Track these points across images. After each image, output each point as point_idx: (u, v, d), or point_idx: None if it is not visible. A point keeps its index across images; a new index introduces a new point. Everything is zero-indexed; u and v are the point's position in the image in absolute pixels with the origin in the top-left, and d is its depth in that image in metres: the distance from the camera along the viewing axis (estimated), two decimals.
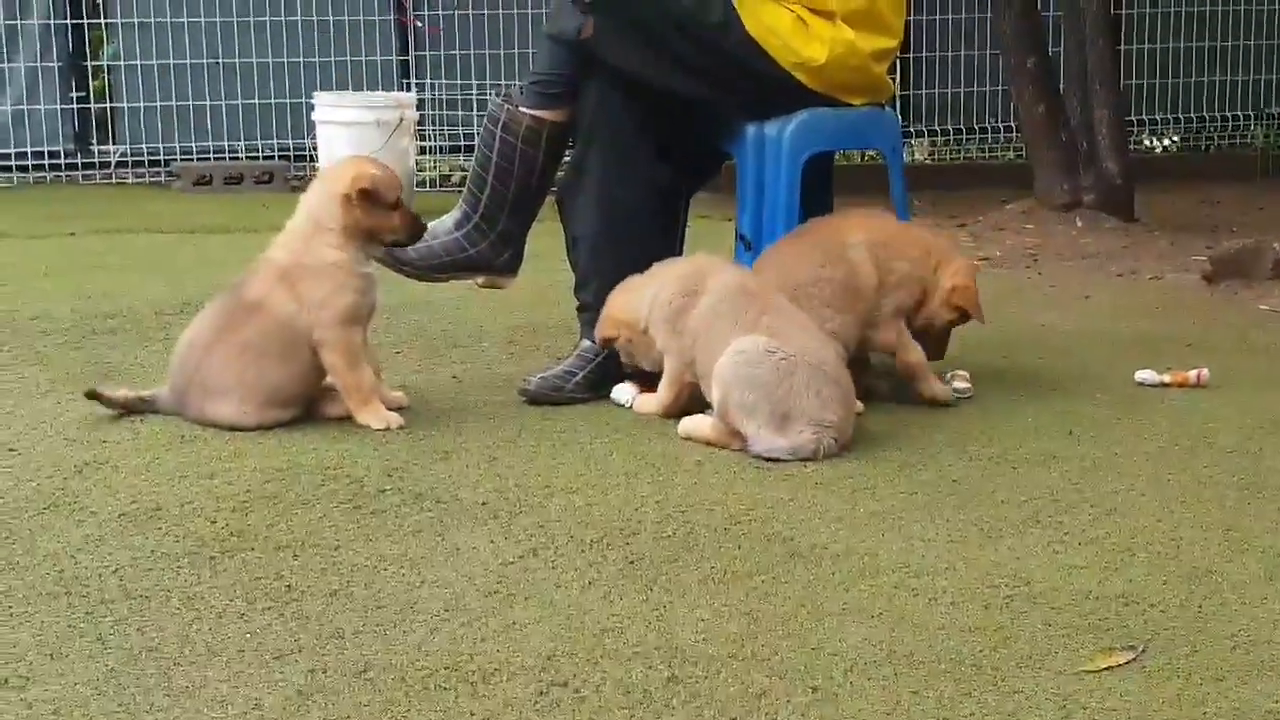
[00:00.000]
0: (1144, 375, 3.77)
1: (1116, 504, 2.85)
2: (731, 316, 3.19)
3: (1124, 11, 8.95)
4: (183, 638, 2.20)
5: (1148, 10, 9.18)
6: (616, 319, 3.39)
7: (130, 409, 3.30)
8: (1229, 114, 9.38)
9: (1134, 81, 9.03)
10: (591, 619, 2.29)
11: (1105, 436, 3.30)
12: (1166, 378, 3.74)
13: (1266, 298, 4.99)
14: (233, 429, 3.19)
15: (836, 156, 4.17)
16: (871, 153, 6.70)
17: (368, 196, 3.24)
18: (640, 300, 3.36)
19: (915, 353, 3.52)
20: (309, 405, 3.29)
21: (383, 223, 3.28)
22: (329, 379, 3.30)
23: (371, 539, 2.61)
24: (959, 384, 3.60)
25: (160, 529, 2.64)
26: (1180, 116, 9.32)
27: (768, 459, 3.04)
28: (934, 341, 3.57)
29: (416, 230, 3.37)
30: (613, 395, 3.50)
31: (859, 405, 3.42)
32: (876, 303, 3.48)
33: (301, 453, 3.07)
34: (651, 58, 3.54)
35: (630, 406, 3.45)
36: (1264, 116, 9.43)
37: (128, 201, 7.20)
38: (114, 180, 7.89)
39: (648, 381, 3.43)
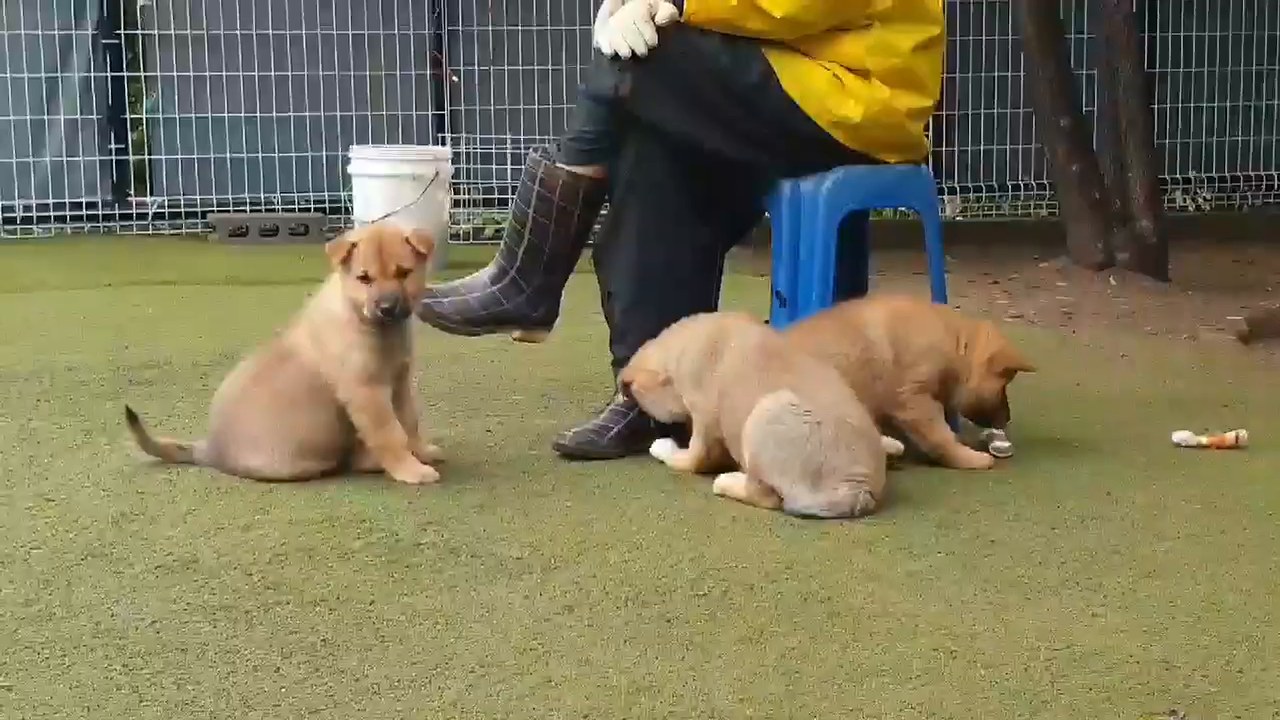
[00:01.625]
0: (1181, 436, 3.74)
1: (1156, 566, 2.82)
2: (755, 376, 3.19)
3: (1157, 70, 8.96)
4: (219, 691, 2.20)
5: (1181, 70, 9.19)
6: (640, 365, 3.41)
7: (167, 457, 3.32)
8: (1263, 173, 9.35)
9: (1167, 140, 9.01)
10: (627, 678, 2.27)
11: (1143, 498, 3.27)
12: (1204, 439, 3.72)
13: None
14: (267, 481, 3.19)
15: (871, 213, 4.17)
16: (903, 209, 6.70)
17: (332, 262, 3.20)
18: (667, 353, 3.37)
19: (940, 431, 3.50)
20: (344, 457, 3.30)
21: (355, 293, 3.19)
22: None
23: (406, 593, 2.61)
24: (999, 443, 3.58)
25: (196, 581, 2.64)
26: (1214, 176, 9.30)
27: (805, 516, 3.03)
28: (993, 412, 3.55)
29: (378, 310, 3.15)
30: (652, 450, 3.50)
31: (899, 445, 3.42)
32: (897, 380, 3.47)
33: (337, 505, 3.07)
34: (689, 115, 3.56)
35: (668, 464, 3.44)
36: None
37: (165, 253, 7.25)
38: (151, 231, 7.95)
39: (684, 436, 3.43)
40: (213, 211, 7.90)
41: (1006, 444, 3.59)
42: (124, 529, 2.91)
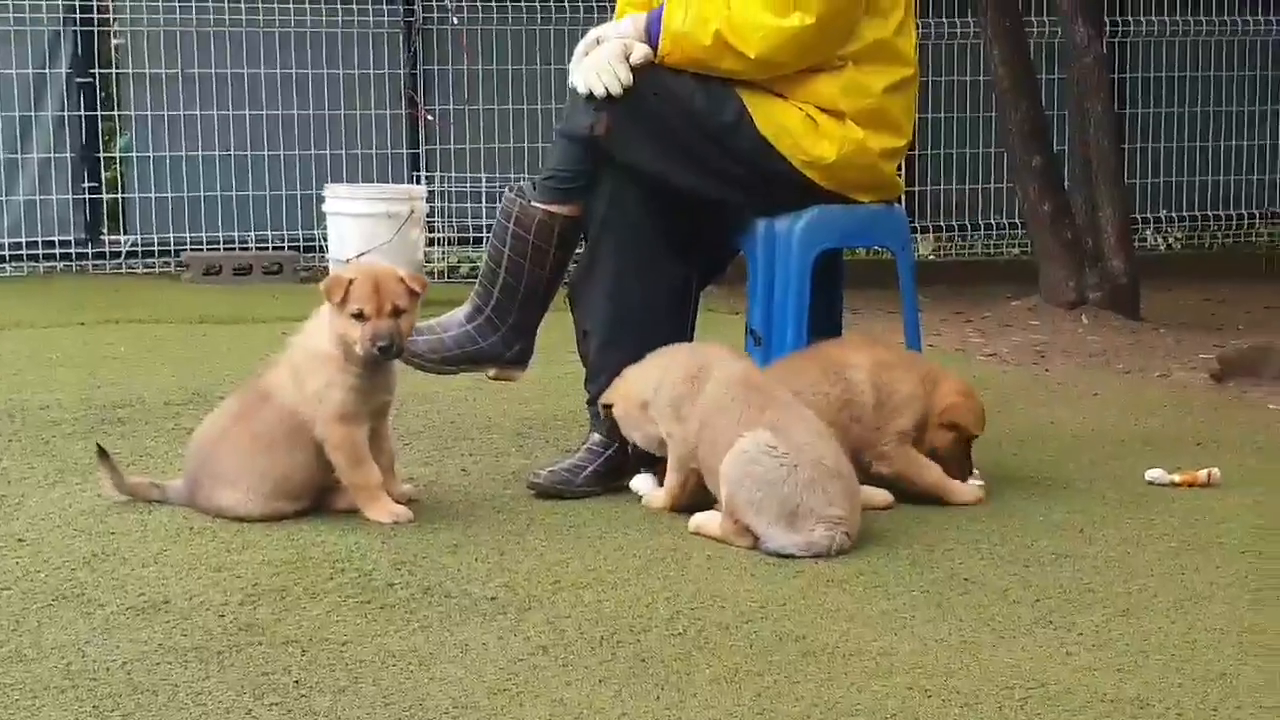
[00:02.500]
0: (1154, 474, 3.75)
1: (1130, 604, 2.83)
2: (735, 410, 3.20)
3: (1128, 110, 9.05)
4: None
5: (1152, 110, 9.28)
6: (621, 390, 3.41)
7: (141, 495, 3.30)
8: (1233, 213, 9.44)
9: (1139, 180, 9.10)
10: (602, 718, 2.26)
11: (1117, 536, 3.28)
12: (1177, 477, 3.73)
13: (1276, 397, 4.98)
14: (239, 520, 3.18)
15: (845, 252, 4.20)
16: (876, 248, 6.74)
17: (327, 298, 3.18)
18: (647, 379, 3.37)
19: (930, 472, 3.50)
20: (318, 497, 3.29)
21: (348, 331, 3.18)
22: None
23: (380, 634, 2.59)
24: (971, 481, 3.59)
25: (168, 622, 2.62)
26: (1185, 215, 9.38)
27: (781, 555, 3.03)
28: (952, 464, 3.55)
29: (375, 348, 3.15)
30: (632, 484, 3.49)
31: (889, 497, 3.41)
32: (877, 429, 3.47)
33: (310, 545, 3.06)
34: (664, 155, 3.58)
35: (643, 501, 3.43)
36: (1268, 215, 9.49)
37: (137, 291, 7.23)
38: (124, 270, 7.94)
39: (663, 470, 3.42)
40: (186, 250, 7.88)
41: (979, 482, 3.59)
42: (95, 569, 2.89)
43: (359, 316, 3.17)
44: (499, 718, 2.26)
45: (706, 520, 3.20)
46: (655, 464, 3.46)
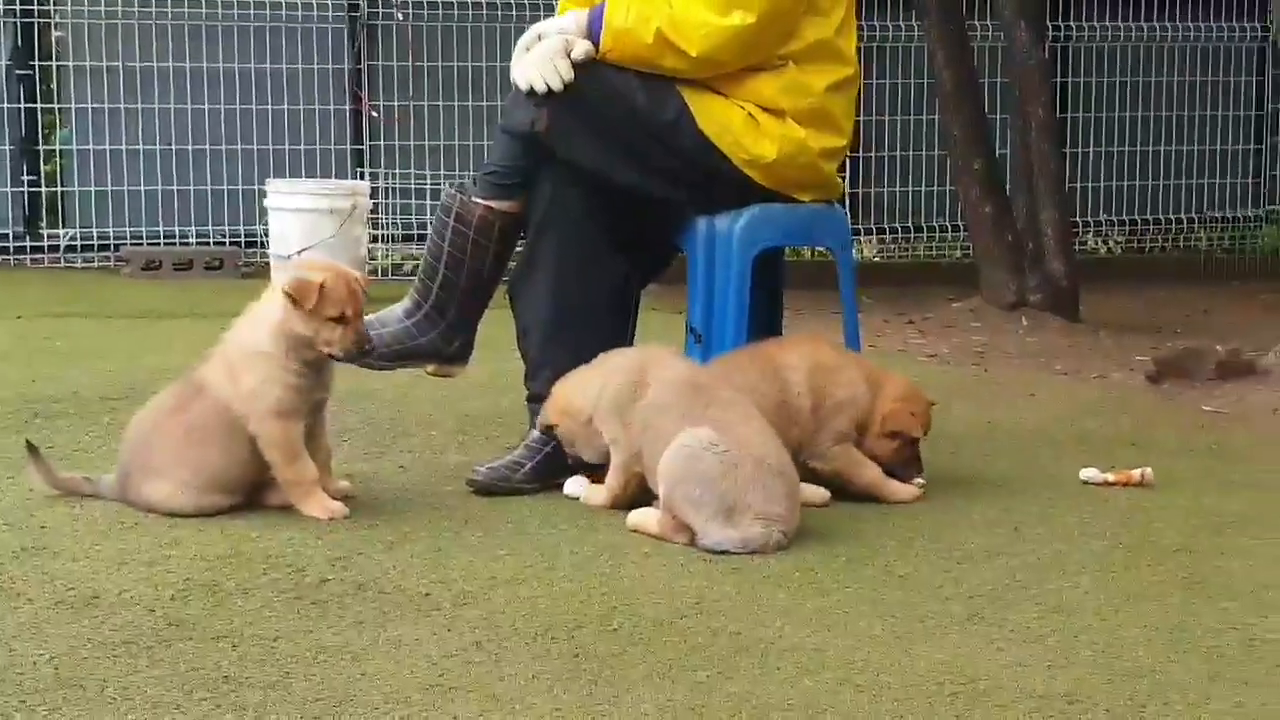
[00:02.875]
0: (1089, 474, 3.79)
1: (1061, 601, 2.85)
2: (678, 409, 3.20)
3: (1069, 115, 9.13)
4: None
5: (1093, 114, 9.37)
6: (560, 407, 3.39)
7: (73, 490, 3.27)
8: (1173, 217, 9.55)
9: (1080, 184, 9.18)
10: (534, 714, 2.26)
11: (1050, 534, 3.31)
12: (1111, 476, 3.77)
13: (1209, 399, 5.04)
14: (171, 514, 3.15)
15: (787, 253, 4.21)
16: (822, 249, 6.77)
17: (300, 302, 3.13)
18: (586, 390, 3.36)
19: (868, 471, 3.52)
20: (252, 492, 3.26)
21: (321, 334, 3.16)
22: None
23: (312, 630, 2.58)
24: (916, 479, 3.60)
25: (97, 617, 2.60)
26: (1125, 219, 9.48)
27: (717, 552, 3.03)
28: (901, 466, 3.56)
29: (358, 351, 3.20)
30: (565, 488, 3.49)
31: (826, 494, 3.42)
32: (815, 430, 3.48)
33: (244, 541, 3.04)
34: (604, 151, 3.58)
35: (581, 499, 3.43)
36: (1207, 220, 9.61)
37: (76, 286, 7.16)
38: (63, 264, 7.86)
39: (599, 474, 3.42)
40: (126, 244, 7.81)
41: (920, 480, 3.61)
42: (25, 563, 2.86)
43: (340, 320, 3.15)
44: (430, 713, 2.25)
45: (644, 517, 3.20)
46: (590, 467, 3.45)
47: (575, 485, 3.48)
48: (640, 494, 3.28)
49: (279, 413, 3.18)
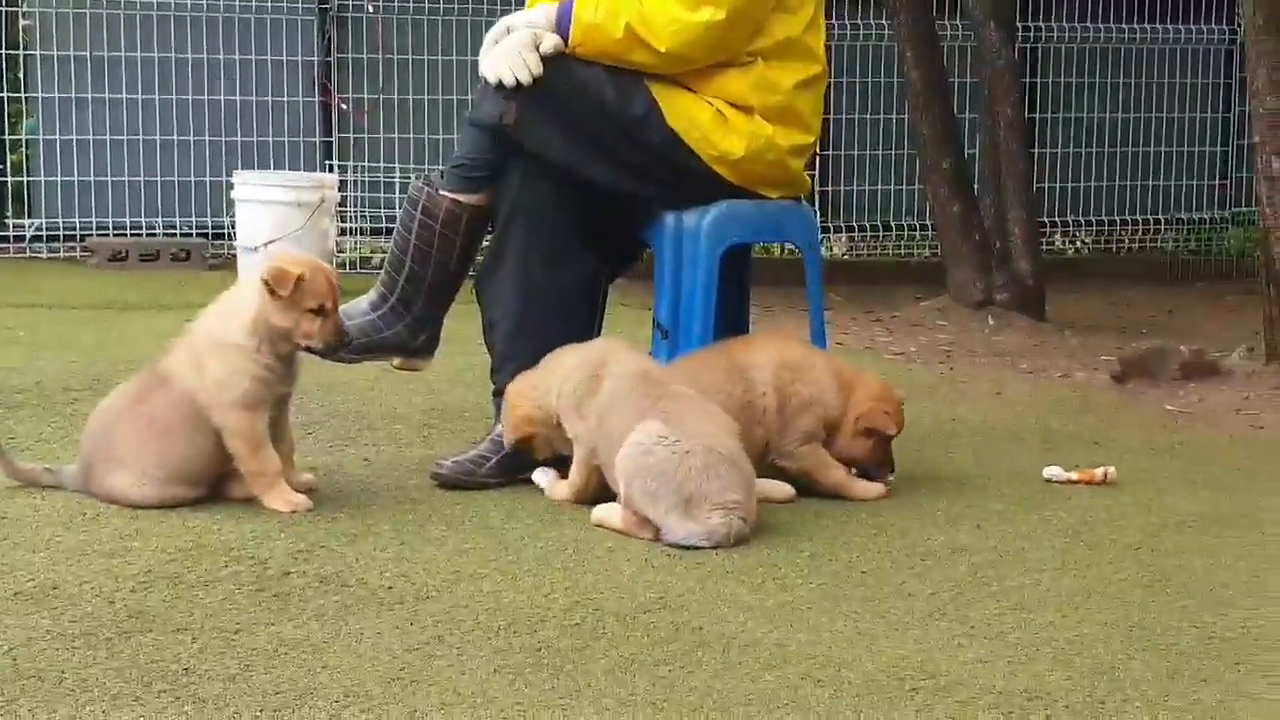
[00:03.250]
0: (1052, 472, 3.81)
1: (1023, 598, 2.86)
2: (631, 403, 3.20)
3: (1038, 115, 9.17)
4: None
5: (1061, 115, 9.41)
6: (528, 417, 3.37)
7: (33, 481, 3.25)
8: (1140, 218, 9.60)
9: (1047, 184, 9.22)
10: (495, 707, 2.26)
11: (1012, 531, 3.32)
12: (1074, 475, 3.79)
13: (1173, 398, 5.08)
14: (133, 505, 3.13)
15: (755, 250, 4.21)
16: (791, 247, 6.78)
17: (277, 290, 3.12)
18: (546, 393, 3.35)
19: (834, 472, 3.52)
20: (215, 484, 3.25)
21: (300, 326, 3.16)
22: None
23: (273, 623, 2.57)
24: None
25: (56, 608, 2.58)
26: (1092, 219, 9.52)
27: (684, 547, 3.03)
28: (874, 465, 3.57)
29: (336, 344, 3.21)
30: (534, 477, 3.48)
31: (790, 490, 3.43)
32: (780, 430, 3.49)
33: (206, 533, 3.02)
34: (572, 146, 3.57)
35: (545, 492, 3.43)
36: (1174, 221, 9.66)
37: (41, 276, 7.11)
38: (28, 254, 7.80)
39: (567, 465, 3.42)
40: (92, 235, 7.76)
41: (890, 475, 3.62)
42: None
43: (318, 312, 3.14)
44: (391, 706, 2.24)
45: (608, 513, 3.20)
46: (560, 461, 3.45)
47: (542, 475, 3.47)
48: (602, 488, 3.28)
49: (245, 404, 3.16)
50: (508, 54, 3.53)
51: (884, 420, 3.54)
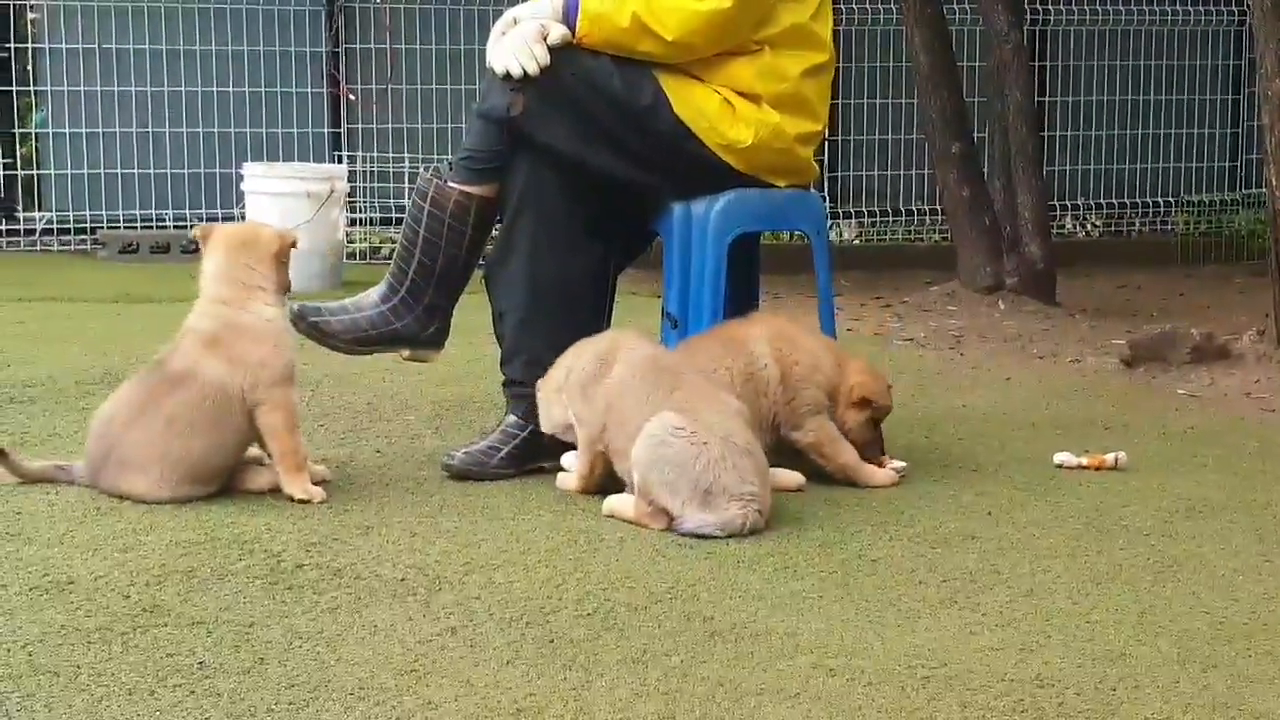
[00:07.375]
0: (1062, 457, 3.81)
1: (1033, 585, 2.87)
2: (642, 390, 3.21)
3: (1047, 99, 9.14)
4: (91, 715, 2.16)
5: (1070, 98, 9.39)
6: (554, 409, 3.40)
7: (46, 479, 3.26)
8: (1150, 201, 9.58)
9: (1057, 168, 9.21)
10: (508, 698, 2.27)
11: (1023, 517, 3.33)
12: (1084, 460, 3.79)
13: (1183, 382, 5.07)
14: (146, 503, 3.14)
15: (764, 236, 4.21)
16: (799, 233, 6.78)
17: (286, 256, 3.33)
18: (558, 370, 3.38)
19: (847, 453, 3.53)
20: (227, 480, 3.26)
21: (286, 279, 3.34)
22: (251, 450, 3.28)
23: (287, 615, 2.58)
24: (895, 463, 3.62)
25: (72, 603, 2.60)
26: (1102, 202, 9.50)
27: (698, 536, 3.04)
28: (864, 445, 3.58)
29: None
30: (563, 461, 3.47)
31: (800, 479, 3.44)
32: (788, 400, 3.50)
33: (218, 526, 3.04)
34: (580, 136, 3.57)
35: (558, 483, 3.44)
36: (1184, 204, 9.64)
37: (52, 269, 7.13)
38: (39, 248, 7.82)
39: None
40: (102, 227, 7.78)
41: (902, 464, 3.63)
42: None
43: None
44: (405, 698, 2.26)
45: (620, 503, 3.21)
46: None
47: (571, 458, 3.45)
48: (607, 476, 3.29)
49: (285, 379, 3.22)
50: (515, 45, 3.54)
51: (878, 389, 3.55)
